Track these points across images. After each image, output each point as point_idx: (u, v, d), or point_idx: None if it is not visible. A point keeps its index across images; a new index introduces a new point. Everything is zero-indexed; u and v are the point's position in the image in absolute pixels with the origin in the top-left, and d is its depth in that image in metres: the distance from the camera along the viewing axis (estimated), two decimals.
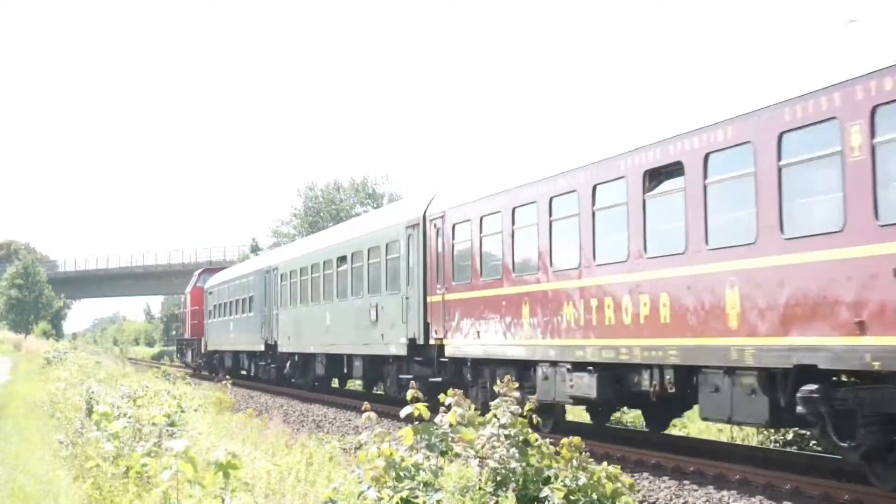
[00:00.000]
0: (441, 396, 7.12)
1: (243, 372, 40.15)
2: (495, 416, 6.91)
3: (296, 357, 31.03)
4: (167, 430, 10.27)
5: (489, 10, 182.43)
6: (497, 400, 7.19)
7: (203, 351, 46.61)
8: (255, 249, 68.98)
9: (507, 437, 6.68)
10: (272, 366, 34.02)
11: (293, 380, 31.93)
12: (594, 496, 6.33)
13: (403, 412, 6.99)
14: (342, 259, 25.70)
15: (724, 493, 11.69)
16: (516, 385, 7.42)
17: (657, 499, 11.74)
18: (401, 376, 20.95)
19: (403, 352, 20.75)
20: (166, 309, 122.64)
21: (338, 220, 63.92)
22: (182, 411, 12.90)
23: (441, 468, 6.49)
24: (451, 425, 6.73)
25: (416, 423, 6.76)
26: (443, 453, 6.56)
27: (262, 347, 34.20)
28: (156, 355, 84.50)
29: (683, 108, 13.09)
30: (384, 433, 6.62)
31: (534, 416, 7.19)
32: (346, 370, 26.59)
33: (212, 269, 54.36)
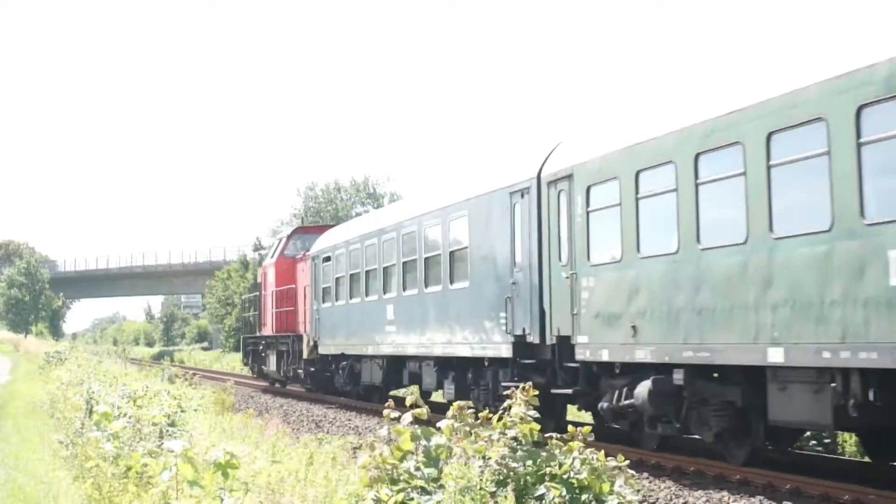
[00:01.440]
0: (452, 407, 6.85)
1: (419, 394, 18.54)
2: (503, 420, 6.79)
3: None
4: (168, 431, 10.28)
5: (489, 10, 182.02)
6: (506, 402, 7.09)
7: (307, 355, 28.82)
8: (259, 249, 68.85)
9: (513, 439, 6.63)
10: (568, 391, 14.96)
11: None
12: (595, 490, 6.33)
13: (404, 420, 6.86)
14: None
15: (724, 493, 11.69)
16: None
17: (657, 499, 11.74)
18: None
19: None
20: (166, 309, 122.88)
21: (337, 220, 63.79)
22: (182, 411, 12.90)
23: (440, 473, 6.48)
24: (448, 437, 6.65)
25: (416, 427, 6.73)
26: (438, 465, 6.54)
27: (507, 351, 16.36)
28: (156, 355, 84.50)
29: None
30: (374, 440, 6.62)
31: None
32: None
33: (312, 227, 35.80)
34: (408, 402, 6.98)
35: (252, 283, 61.16)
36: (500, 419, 6.77)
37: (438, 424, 6.76)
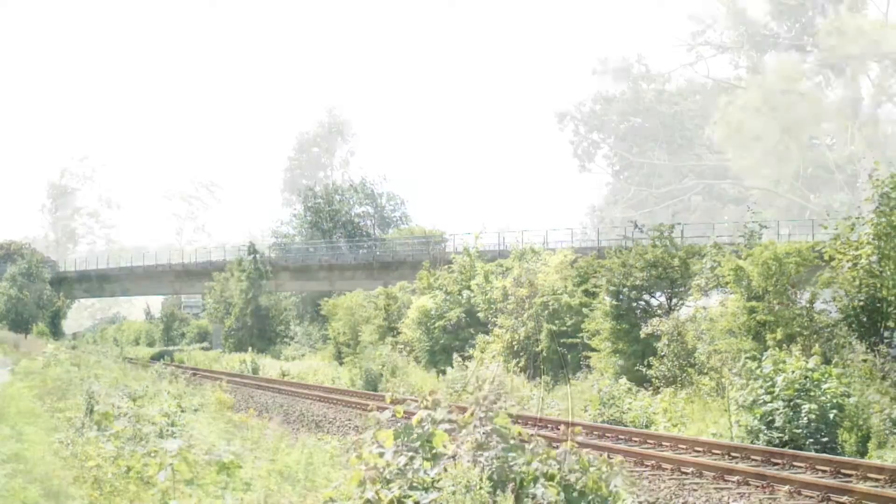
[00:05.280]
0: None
1: None
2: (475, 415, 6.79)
3: None
4: (168, 430, 10.28)
5: (489, 11, 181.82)
6: (471, 398, 7.10)
7: None
8: (252, 251, 68.80)
9: (488, 434, 6.64)
10: None
11: None
12: (590, 485, 6.34)
13: (383, 416, 6.89)
14: None
15: (724, 493, 11.70)
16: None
17: (657, 499, 11.75)
18: None
19: None
20: (166, 309, 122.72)
21: (336, 220, 63.89)
22: (182, 411, 12.90)
23: (427, 469, 6.48)
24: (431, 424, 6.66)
25: (398, 425, 6.75)
26: (426, 459, 6.53)
27: None
28: (155, 355, 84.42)
29: None
30: (362, 440, 6.62)
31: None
32: None
33: None
34: (388, 399, 7.03)
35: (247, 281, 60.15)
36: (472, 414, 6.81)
37: (414, 416, 6.75)
